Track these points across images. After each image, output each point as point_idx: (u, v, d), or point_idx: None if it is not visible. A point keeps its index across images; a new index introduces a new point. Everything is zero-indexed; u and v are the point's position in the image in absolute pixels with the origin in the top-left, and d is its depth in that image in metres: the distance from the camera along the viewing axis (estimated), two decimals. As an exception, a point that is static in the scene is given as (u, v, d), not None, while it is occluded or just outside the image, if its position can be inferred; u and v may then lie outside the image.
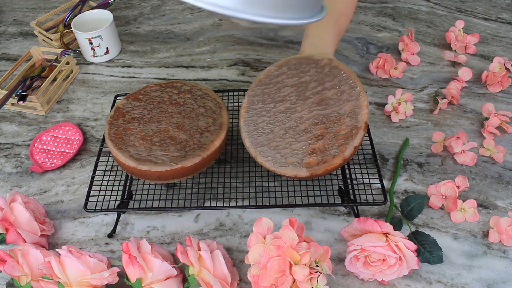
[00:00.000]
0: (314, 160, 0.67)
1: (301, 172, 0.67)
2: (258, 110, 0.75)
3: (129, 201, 0.78)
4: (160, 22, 1.20)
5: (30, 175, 0.85)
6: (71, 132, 0.90)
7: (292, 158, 0.68)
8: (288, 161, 0.68)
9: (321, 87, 0.74)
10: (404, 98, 0.91)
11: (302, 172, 0.67)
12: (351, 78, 0.72)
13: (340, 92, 0.72)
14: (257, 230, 0.64)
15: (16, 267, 0.63)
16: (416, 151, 0.87)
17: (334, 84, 0.73)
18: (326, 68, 0.75)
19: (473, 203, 0.75)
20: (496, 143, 0.86)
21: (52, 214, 0.78)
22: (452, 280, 0.68)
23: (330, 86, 0.73)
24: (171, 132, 0.73)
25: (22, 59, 1.01)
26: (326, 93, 0.73)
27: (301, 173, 0.67)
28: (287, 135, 0.71)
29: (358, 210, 0.76)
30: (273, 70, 0.78)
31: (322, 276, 0.60)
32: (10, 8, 1.28)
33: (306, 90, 0.75)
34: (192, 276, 0.64)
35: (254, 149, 0.71)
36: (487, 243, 0.73)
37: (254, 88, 0.77)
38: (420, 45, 1.07)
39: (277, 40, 1.13)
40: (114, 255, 0.73)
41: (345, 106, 0.70)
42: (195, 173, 0.71)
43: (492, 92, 0.97)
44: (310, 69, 0.76)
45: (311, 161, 0.67)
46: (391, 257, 0.63)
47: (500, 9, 1.21)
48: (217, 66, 1.06)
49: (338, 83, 0.73)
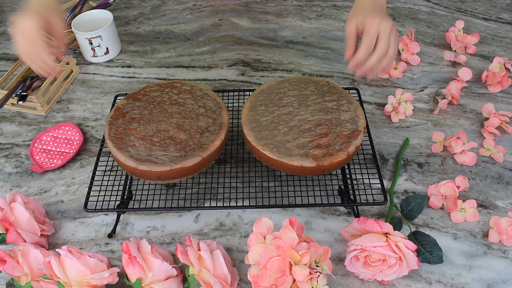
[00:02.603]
0: (320, 153, 0.69)
1: (307, 162, 0.68)
2: (261, 111, 0.76)
3: (129, 201, 0.78)
4: (160, 22, 1.20)
5: (30, 175, 0.85)
6: (71, 132, 0.90)
7: (298, 150, 0.70)
8: (294, 153, 0.69)
9: (321, 99, 0.78)
10: (404, 98, 0.91)
11: (308, 162, 0.68)
12: (348, 96, 0.79)
13: (339, 104, 0.77)
14: (257, 230, 0.64)
15: (16, 267, 0.63)
16: (416, 151, 0.87)
17: (333, 98, 0.78)
18: (325, 87, 0.81)
19: (473, 203, 0.75)
20: (496, 143, 0.86)
21: (52, 214, 0.78)
22: (452, 280, 0.68)
23: (330, 99, 0.78)
24: (171, 132, 0.73)
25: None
26: (327, 104, 0.77)
27: (307, 163, 0.68)
28: (291, 132, 0.72)
29: (358, 210, 0.76)
30: (274, 84, 0.82)
31: (322, 276, 0.60)
32: (10, 8, 1.28)
33: (307, 100, 0.78)
34: (192, 276, 0.64)
35: (258, 141, 0.71)
36: (487, 243, 0.73)
37: (256, 95, 0.79)
38: (420, 45, 1.07)
39: (277, 40, 1.13)
40: (114, 255, 0.73)
41: (345, 114, 0.75)
42: (195, 173, 0.71)
43: (492, 92, 0.97)
44: (310, 86, 0.81)
45: (317, 153, 0.69)
46: (391, 257, 0.63)
47: (500, 9, 1.21)
48: (217, 66, 1.06)
49: (337, 98, 0.78)
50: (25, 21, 0.73)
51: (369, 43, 0.71)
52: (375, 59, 0.71)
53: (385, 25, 0.70)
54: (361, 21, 0.72)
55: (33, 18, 0.73)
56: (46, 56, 0.74)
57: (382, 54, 0.71)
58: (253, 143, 0.72)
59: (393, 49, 0.72)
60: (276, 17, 1.20)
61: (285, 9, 1.23)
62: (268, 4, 1.25)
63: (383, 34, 0.70)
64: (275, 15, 1.21)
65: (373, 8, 0.74)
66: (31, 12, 0.74)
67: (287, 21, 1.19)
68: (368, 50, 0.71)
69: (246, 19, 1.20)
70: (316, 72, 1.04)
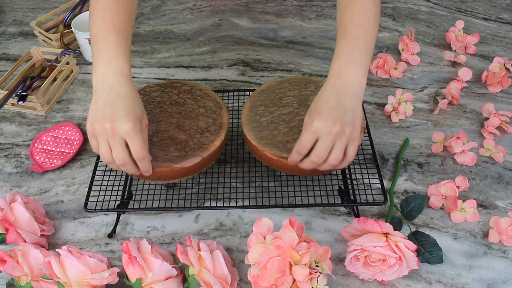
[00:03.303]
0: None
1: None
2: (261, 111, 0.76)
3: (129, 201, 0.78)
4: (160, 22, 1.20)
5: (30, 175, 0.85)
6: (71, 132, 0.90)
7: None
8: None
9: None
10: (404, 98, 0.91)
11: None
12: None
13: None
14: (257, 230, 0.64)
15: (16, 267, 0.63)
16: (416, 151, 0.87)
17: None
18: None
19: (473, 203, 0.75)
20: (496, 143, 0.86)
21: (52, 214, 0.78)
22: (452, 280, 0.68)
23: None
24: (171, 132, 0.73)
25: (22, 59, 1.01)
26: None
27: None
28: (291, 132, 0.72)
29: (358, 210, 0.76)
30: (274, 84, 0.81)
31: (322, 276, 0.60)
32: (10, 8, 1.28)
33: (308, 100, 0.77)
34: (192, 276, 0.64)
35: (258, 141, 0.71)
36: (487, 243, 0.73)
37: (256, 95, 0.79)
38: (420, 45, 1.07)
39: (277, 40, 1.13)
40: (114, 255, 0.73)
41: None
42: (195, 173, 0.71)
43: (492, 92, 0.97)
44: (310, 86, 0.80)
45: None
46: (391, 257, 0.63)
47: (500, 9, 1.21)
48: (217, 66, 1.06)
49: None
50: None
51: (305, 145, 0.62)
52: (308, 164, 0.63)
53: (332, 131, 0.59)
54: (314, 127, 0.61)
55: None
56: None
57: (315, 161, 0.62)
58: (253, 143, 0.72)
59: (338, 160, 0.61)
60: (276, 17, 1.20)
61: (285, 9, 1.23)
62: (268, 4, 1.25)
63: (327, 146, 0.61)
64: (275, 15, 1.21)
65: (335, 109, 0.61)
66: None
67: (287, 21, 1.19)
68: (301, 153, 0.63)
69: (246, 19, 1.20)
70: (316, 72, 1.04)
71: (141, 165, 0.63)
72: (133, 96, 0.63)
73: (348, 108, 0.61)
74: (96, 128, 0.61)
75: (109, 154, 0.61)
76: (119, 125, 0.59)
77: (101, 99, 0.61)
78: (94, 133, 0.61)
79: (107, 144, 0.61)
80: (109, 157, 0.61)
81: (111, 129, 0.59)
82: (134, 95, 0.63)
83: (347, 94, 0.62)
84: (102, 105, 0.61)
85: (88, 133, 0.62)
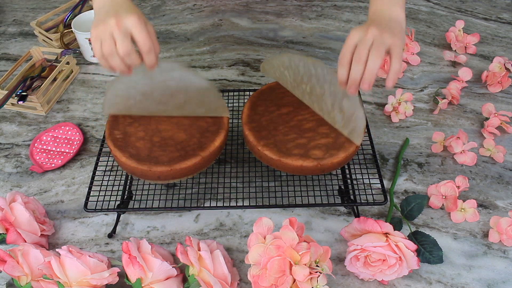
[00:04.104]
0: (320, 152, 0.69)
1: (307, 162, 0.68)
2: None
3: (129, 201, 0.78)
4: (160, 22, 1.20)
5: (30, 175, 0.85)
6: (71, 132, 0.90)
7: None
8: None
9: None
10: (404, 98, 0.91)
11: (308, 161, 0.68)
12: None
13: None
14: (257, 230, 0.64)
15: (16, 267, 0.63)
16: (416, 151, 0.87)
17: None
18: None
19: (473, 203, 0.75)
20: (496, 143, 0.86)
21: (52, 214, 0.78)
22: (452, 280, 0.68)
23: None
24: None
25: (22, 59, 1.01)
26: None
27: (307, 163, 0.68)
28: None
29: (358, 210, 0.76)
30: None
31: (322, 276, 0.60)
32: (10, 8, 1.28)
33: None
34: (192, 276, 0.64)
35: (258, 141, 0.71)
36: (487, 243, 0.73)
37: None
38: (420, 45, 1.07)
39: (277, 40, 1.13)
40: (114, 255, 0.73)
41: None
42: (195, 173, 0.71)
43: (492, 92, 0.97)
44: None
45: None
46: (391, 257, 0.63)
47: (500, 9, 1.21)
48: (217, 66, 1.06)
49: None
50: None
51: (357, 56, 0.60)
52: (355, 71, 0.61)
53: (381, 37, 0.59)
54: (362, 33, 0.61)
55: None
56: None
57: (357, 60, 0.60)
58: (253, 143, 0.72)
59: (376, 62, 0.59)
60: (276, 17, 1.20)
61: (285, 9, 1.23)
62: (268, 4, 1.25)
63: (366, 44, 0.60)
64: (275, 15, 1.21)
65: (387, 22, 0.62)
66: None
67: (287, 21, 1.19)
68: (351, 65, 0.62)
69: (246, 19, 1.20)
70: (316, 72, 1.04)
71: (146, 59, 0.62)
72: (135, 6, 0.63)
73: (388, 20, 0.62)
74: (100, 28, 0.60)
75: (112, 46, 0.60)
76: (124, 18, 0.59)
77: (104, 9, 0.62)
78: (98, 33, 0.60)
79: (111, 38, 0.60)
80: (111, 48, 0.60)
81: (116, 23, 0.59)
82: (136, 6, 0.64)
83: (389, 21, 0.63)
84: (105, 11, 0.61)
85: (92, 38, 0.62)
